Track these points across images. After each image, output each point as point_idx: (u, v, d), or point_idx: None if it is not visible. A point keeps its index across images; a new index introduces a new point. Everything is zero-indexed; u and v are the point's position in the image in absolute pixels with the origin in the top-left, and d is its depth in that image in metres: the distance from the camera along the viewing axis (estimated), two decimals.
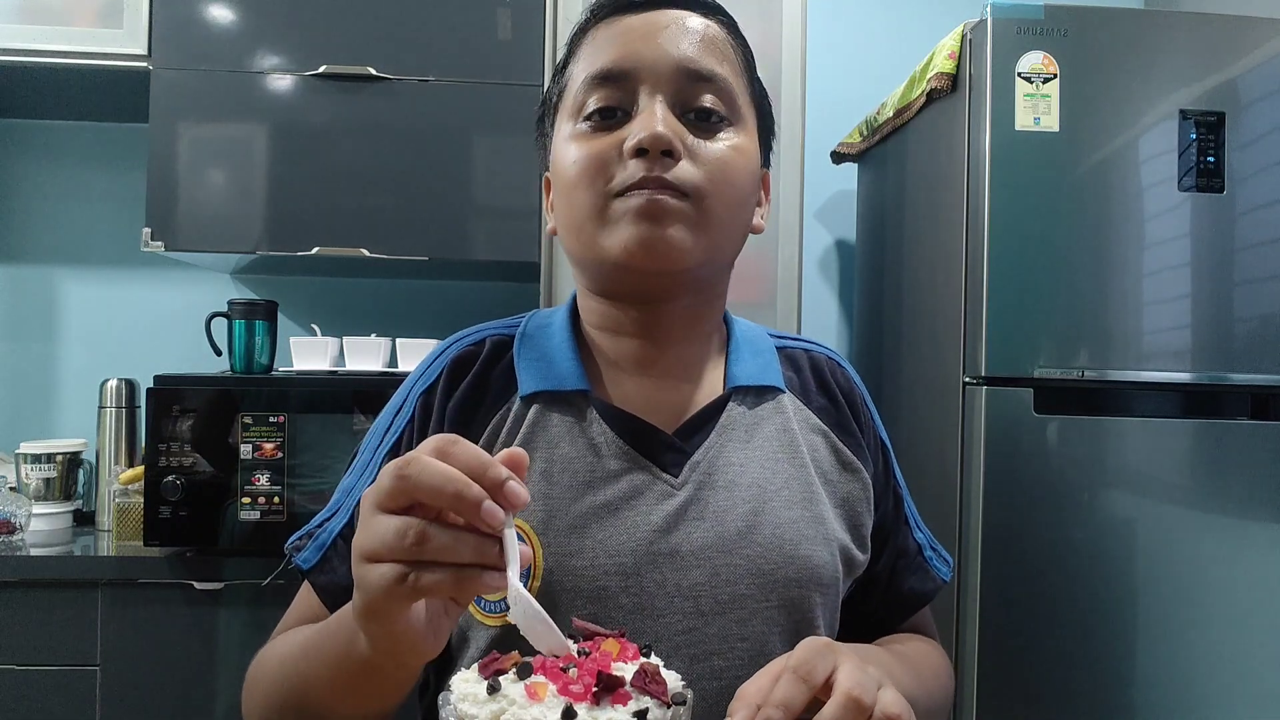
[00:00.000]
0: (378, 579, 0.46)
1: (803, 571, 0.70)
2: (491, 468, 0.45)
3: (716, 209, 0.68)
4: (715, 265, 0.73)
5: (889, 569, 0.82)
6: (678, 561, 0.67)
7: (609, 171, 0.67)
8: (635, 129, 0.67)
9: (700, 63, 0.69)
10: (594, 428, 0.71)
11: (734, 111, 0.71)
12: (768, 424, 0.75)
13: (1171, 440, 1.51)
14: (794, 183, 1.74)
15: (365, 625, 0.49)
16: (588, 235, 0.69)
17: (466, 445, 0.47)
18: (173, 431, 1.60)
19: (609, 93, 0.69)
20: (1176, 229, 1.52)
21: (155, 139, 1.74)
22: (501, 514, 0.45)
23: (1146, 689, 1.49)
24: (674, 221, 0.66)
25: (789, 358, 0.81)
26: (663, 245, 0.66)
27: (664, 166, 0.66)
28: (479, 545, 0.45)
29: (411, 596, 0.46)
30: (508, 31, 1.81)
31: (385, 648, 0.50)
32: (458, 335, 0.77)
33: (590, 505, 0.68)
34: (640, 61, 0.68)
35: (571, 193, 0.69)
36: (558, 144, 0.72)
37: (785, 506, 0.71)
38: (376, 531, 0.46)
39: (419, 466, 0.45)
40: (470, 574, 0.45)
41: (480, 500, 0.44)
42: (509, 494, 0.45)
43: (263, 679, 0.66)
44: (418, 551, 0.45)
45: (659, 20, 0.70)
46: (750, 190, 0.73)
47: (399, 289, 2.20)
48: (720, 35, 0.72)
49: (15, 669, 1.54)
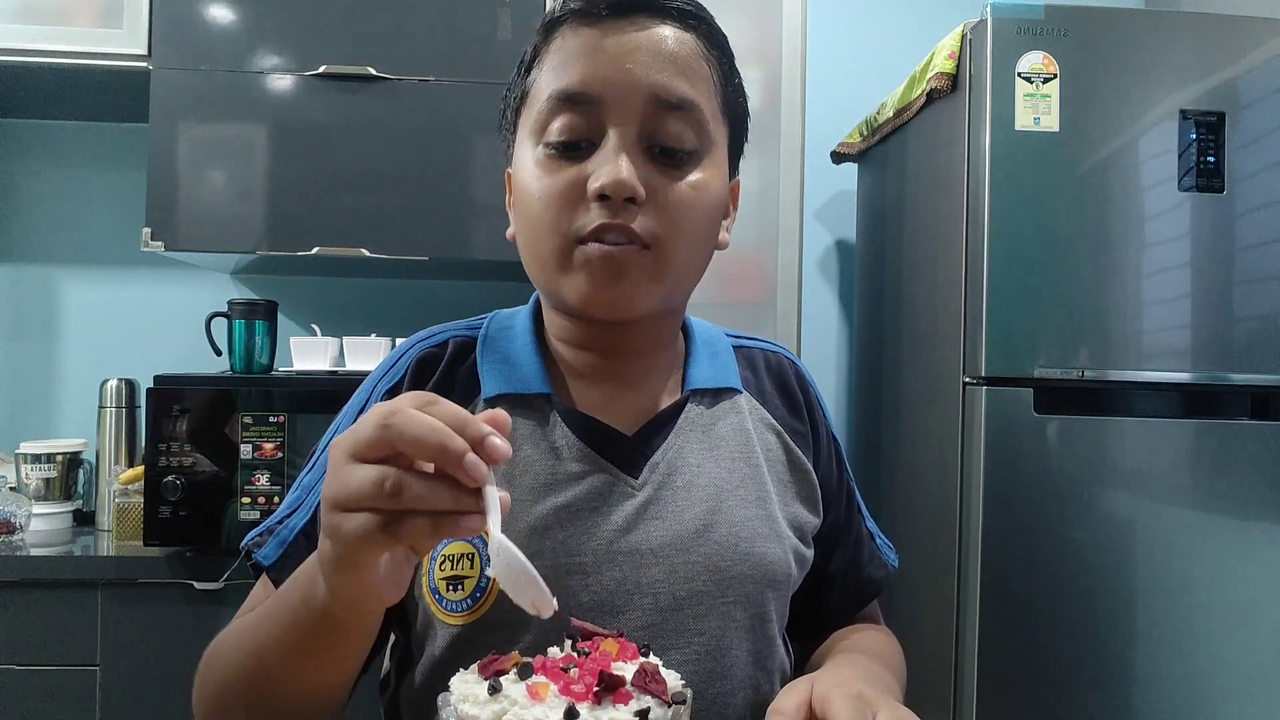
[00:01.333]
0: (355, 527, 0.45)
1: (757, 569, 0.72)
2: (472, 423, 0.46)
3: (676, 256, 0.68)
4: (677, 299, 0.74)
5: (850, 561, 0.84)
6: (637, 560, 0.69)
7: (571, 212, 0.66)
8: (599, 170, 0.65)
9: (671, 91, 0.66)
10: (556, 431, 0.71)
11: (704, 139, 0.69)
12: (724, 424, 0.76)
13: (1171, 440, 1.51)
14: (794, 183, 1.74)
15: (333, 575, 0.49)
16: (548, 275, 0.69)
17: (447, 402, 0.47)
18: (173, 431, 1.60)
19: (574, 119, 0.66)
20: (1176, 229, 1.52)
21: (155, 139, 1.74)
22: (485, 467, 0.45)
23: (1146, 689, 1.49)
24: (632, 275, 0.66)
25: (746, 357, 0.83)
26: (622, 301, 0.67)
27: (626, 214, 0.65)
28: (456, 494, 0.45)
29: (389, 544, 0.46)
30: (508, 31, 1.81)
31: (348, 597, 0.50)
32: (420, 335, 0.77)
33: (551, 507, 0.69)
34: (607, 87, 0.66)
35: (534, 227, 0.69)
36: (519, 159, 0.71)
37: (741, 505, 0.73)
38: (352, 480, 0.45)
39: (404, 417, 0.45)
40: (448, 520, 0.46)
41: (463, 452, 0.44)
42: (490, 449, 0.45)
43: (216, 663, 0.65)
44: (395, 501, 0.45)
45: (629, 39, 0.67)
46: (713, 225, 0.72)
47: (399, 289, 2.20)
48: (694, 50, 0.69)
49: (15, 669, 1.54)
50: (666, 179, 0.67)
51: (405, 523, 0.45)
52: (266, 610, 0.61)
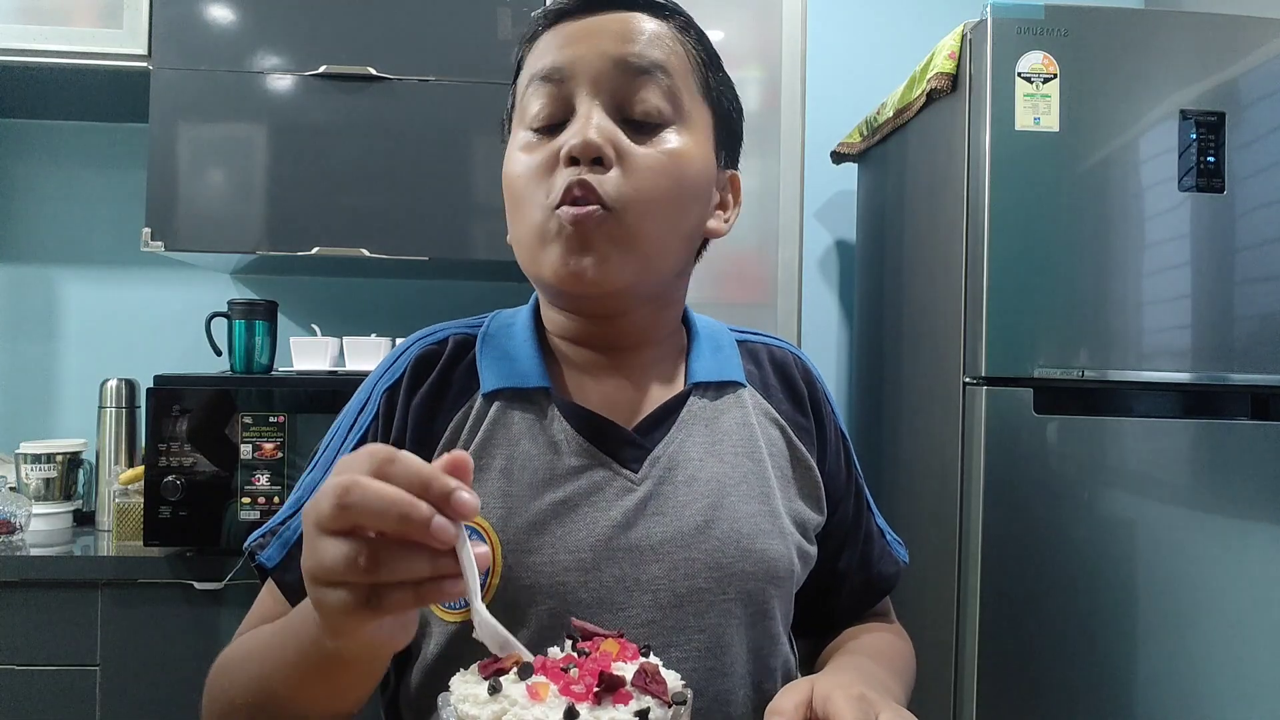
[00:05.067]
0: (336, 603, 0.44)
1: (759, 565, 0.71)
2: (435, 481, 0.43)
3: (644, 223, 0.67)
4: (655, 279, 0.72)
5: (860, 558, 0.84)
6: (637, 556, 0.68)
7: (547, 183, 0.67)
8: (568, 135, 0.66)
9: (639, 57, 0.68)
10: (555, 425, 0.71)
11: (677, 109, 0.69)
12: (727, 417, 0.76)
13: (1171, 440, 1.51)
14: (794, 183, 1.74)
15: (332, 639, 0.48)
16: (530, 252, 0.70)
17: (406, 459, 0.44)
18: (173, 431, 1.60)
19: (548, 97, 0.68)
20: (1176, 229, 1.52)
21: (155, 139, 1.74)
22: (452, 529, 0.43)
23: (1146, 689, 1.49)
24: (599, 243, 0.66)
25: (750, 352, 0.82)
26: (591, 272, 0.66)
27: (593, 174, 0.65)
28: (434, 560, 0.44)
29: (373, 617, 0.45)
30: (508, 31, 1.81)
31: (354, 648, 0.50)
32: (420, 334, 0.77)
33: (550, 502, 0.68)
34: (577, 61, 0.68)
35: (517, 206, 0.70)
36: (508, 151, 0.73)
37: (743, 501, 0.72)
38: (325, 557, 0.44)
39: (359, 493, 0.42)
40: (430, 586, 0.44)
41: (428, 518, 0.42)
42: (457, 505, 0.43)
43: (224, 680, 0.65)
44: (372, 575, 0.43)
45: (601, 22, 0.69)
46: (693, 194, 0.71)
47: (399, 289, 2.20)
48: (667, 33, 0.71)
49: (15, 669, 1.54)
50: (639, 142, 0.68)
51: (386, 596, 0.43)
52: (276, 638, 0.61)
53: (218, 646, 0.70)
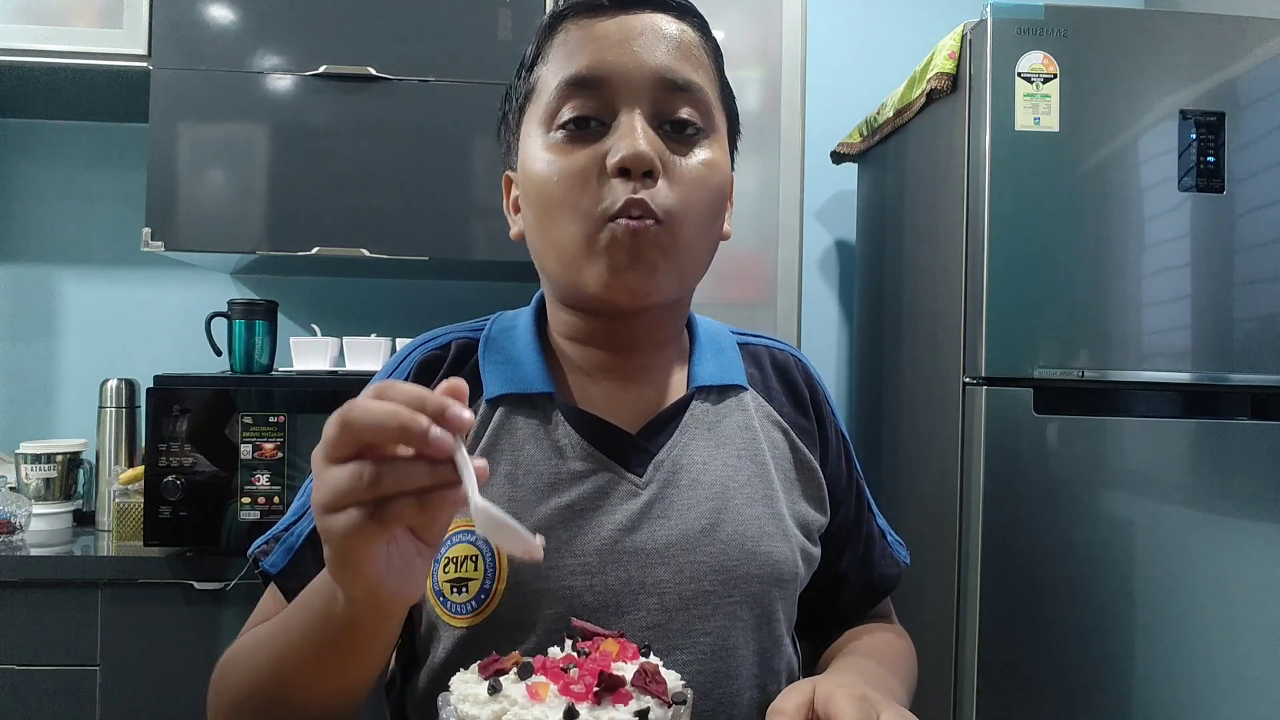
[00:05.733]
0: (344, 524, 0.46)
1: (764, 568, 0.71)
2: (430, 398, 0.46)
3: (689, 232, 0.68)
4: (690, 288, 0.75)
5: (861, 559, 0.84)
6: (642, 559, 0.69)
7: (592, 190, 0.66)
8: (618, 145, 0.65)
9: (677, 72, 0.68)
10: (559, 430, 0.71)
11: (709, 121, 0.70)
12: (729, 420, 0.76)
13: (1171, 440, 1.51)
14: (794, 183, 1.74)
15: (340, 577, 0.50)
16: (570, 259, 0.68)
17: (402, 384, 0.47)
18: (173, 431, 1.60)
19: (584, 101, 0.67)
20: (1176, 229, 1.52)
21: (155, 139, 1.74)
22: (450, 437, 0.45)
23: (1146, 689, 1.49)
24: (651, 256, 0.66)
25: (752, 355, 0.83)
26: (642, 285, 0.67)
27: (646, 188, 0.66)
28: (433, 469, 0.46)
29: (380, 532, 0.46)
30: (508, 31, 1.81)
31: (364, 597, 0.51)
32: (422, 338, 0.77)
33: (555, 507, 0.69)
34: (616, 70, 0.67)
35: (553, 211, 0.68)
36: (528, 149, 0.71)
37: (747, 504, 0.73)
38: (331, 482, 0.46)
39: (360, 409, 0.45)
40: (433, 494, 0.46)
41: (425, 429, 0.44)
42: (452, 419, 0.45)
43: (231, 675, 0.65)
44: (375, 489, 0.45)
45: (633, 25, 0.68)
46: (720, 207, 0.72)
47: (399, 289, 2.20)
48: (694, 40, 0.71)
49: (15, 669, 1.54)
50: (678, 155, 0.68)
51: (390, 506, 0.45)
52: (282, 622, 0.61)
53: (218, 646, 0.70)
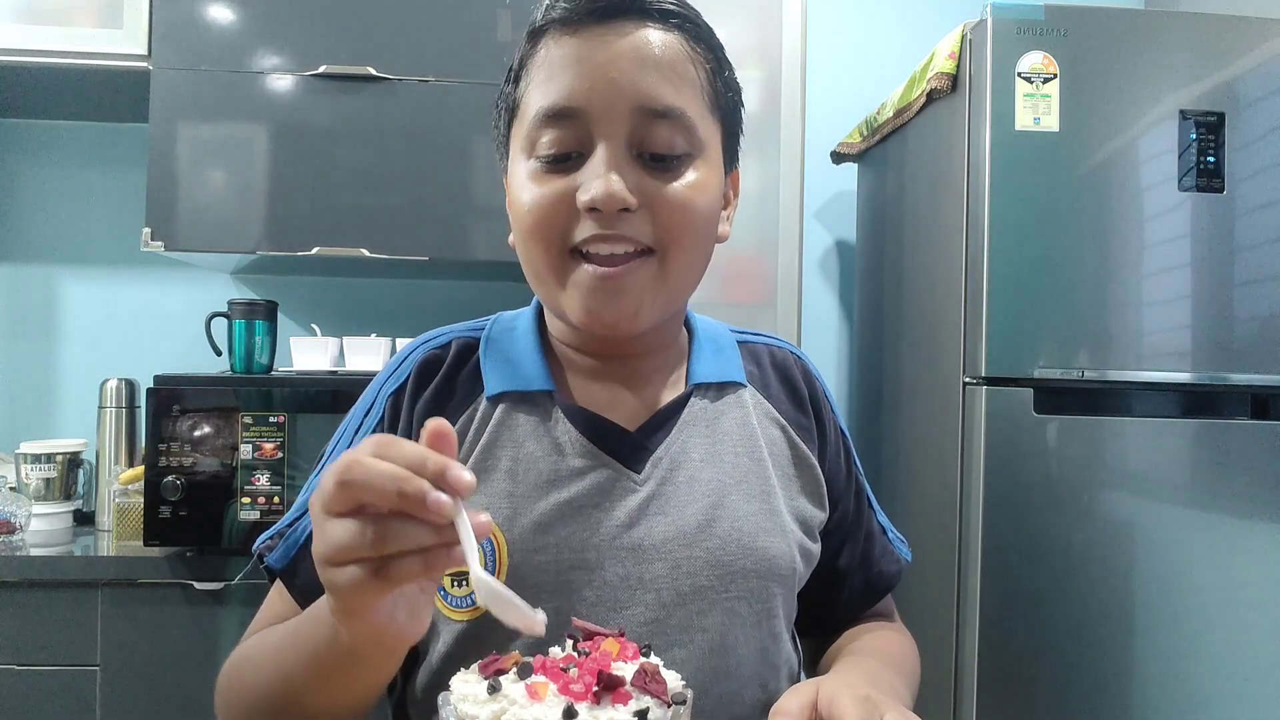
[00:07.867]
0: (348, 581, 0.46)
1: (761, 563, 0.72)
2: (430, 459, 0.45)
3: (677, 258, 0.68)
4: (680, 306, 0.75)
5: (861, 556, 0.84)
6: (640, 555, 0.69)
7: (562, 225, 0.66)
8: (589, 184, 0.64)
9: (658, 100, 0.66)
10: (558, 427, 0.72)
11: (694, 143, 0.68)
12: (728, 418, 0.76)
13: (1171, 440, 1.51)
14: (794, 183, 1.74)
15: (344, 624, 0.50)
16: (547, 288, 0.70)
17: (403, 443, 0.46)
18: (173, 431, 1.60)
19: (560, 135, 0.66)
20: (1176, 229, 1.52)
21: (155, 139, 1.74)
22: (449, 502, 0.45)
23: (1146, 689, 1.49)
24: (634, 290, 0.66)
25: (750, 352, 0.83)
26: (626, 318, 0.67)
27: (623, 224, 0.65)
28: (437, 529, 0.45)
29: (385, 588, 0.46)
30: (508, 32, 1.81)
31: (368, 639, 0.51)
32: (424, 337, 0.78)
33: (554, 502, 0.69)
34: (593, 101, 0.65)
35: (528, 241, 0.69)
36: (512, 170, 0.71)
37: (744, 500, 0.73)
38: (333, 537, 0.46)
39: (360, 469, 0.45)
40: (437, 553, 0.46)
41: (425, 493, 0.44)
42: (452, 481, 0.45)
43: (238, 681, 0.66)
44: (381, 547, 0.45)
45: (613, 49, 0.65)
46: (712, 223, 0.72)
47: (399, 289, 2.20)
48: (679, 52, 0.68)
49: (15, 669, 1.54)
50: (660, 183, 0.67)
51: (395, 565, 0.45)
52: (289, 637, 0.62)
53: (218, 646, 0.70)
